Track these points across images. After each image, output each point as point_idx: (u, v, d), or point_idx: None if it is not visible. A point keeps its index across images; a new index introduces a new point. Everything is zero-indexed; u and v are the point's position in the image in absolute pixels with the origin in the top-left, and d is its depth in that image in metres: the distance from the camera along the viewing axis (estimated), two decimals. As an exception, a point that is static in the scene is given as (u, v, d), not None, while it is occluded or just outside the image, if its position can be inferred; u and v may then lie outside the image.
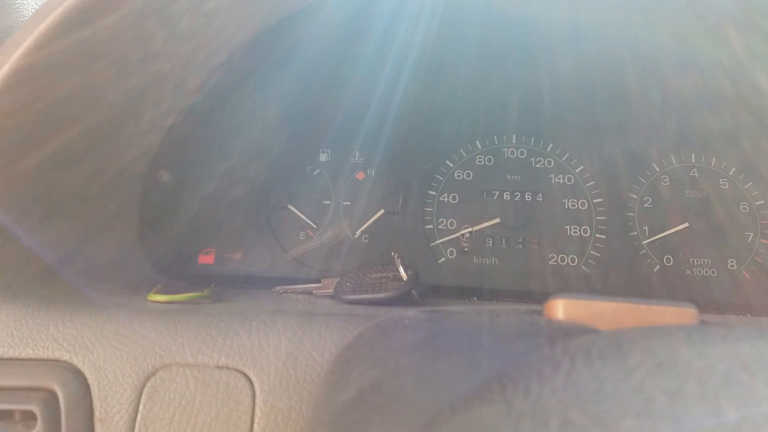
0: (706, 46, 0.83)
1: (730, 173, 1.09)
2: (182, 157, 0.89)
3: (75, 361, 0.61)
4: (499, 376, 0.33)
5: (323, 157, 1.15)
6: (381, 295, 0.81)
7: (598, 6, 0.77)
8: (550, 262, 1.06)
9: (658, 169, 1.10)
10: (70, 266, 0.74)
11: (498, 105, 1.13)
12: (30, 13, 0.97)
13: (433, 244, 1.09)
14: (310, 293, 0.92)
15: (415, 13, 0.78)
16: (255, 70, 0.82)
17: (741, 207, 1.07)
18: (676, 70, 0.92)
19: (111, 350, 0.61)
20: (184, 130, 0.81)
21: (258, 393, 0.57)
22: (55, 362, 0.61)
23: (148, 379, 0.59)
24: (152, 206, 0.87)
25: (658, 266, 1.04)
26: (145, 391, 0.58)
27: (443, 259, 1.08)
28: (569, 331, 0.41)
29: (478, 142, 1.15)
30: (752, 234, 1.05)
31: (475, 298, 1.01)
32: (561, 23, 0.82)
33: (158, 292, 0.77)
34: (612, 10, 0.78)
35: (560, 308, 0.47)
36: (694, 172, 1.10)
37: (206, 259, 1.06)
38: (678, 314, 0.47)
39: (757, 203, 1.06)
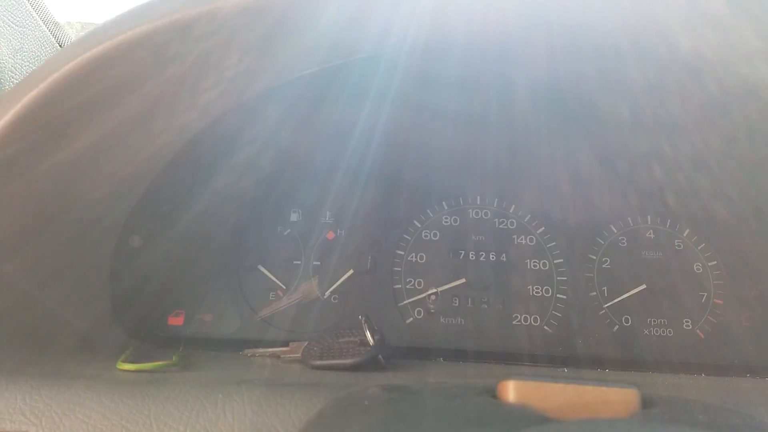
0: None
1: (685, 234, 1.14)
2: (153, 220, 0.90)
3: None
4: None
5: (294, 217, 1.17)
6: (348, 361, 0.83)
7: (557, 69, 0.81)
8: (514, 322, 1.09)
9: (615, 231, 1.15)
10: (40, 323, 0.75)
11: (463, 167, 1.17)
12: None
13: (401, 304, 1.11)
14: (278, 357, 0.93)
15: (385, 79, 0.81)
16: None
17: (695, 267, 1.11)
18: (633, 130, 0.96)
19: (78, 424, 0.62)
20: (156, 194, 0.83)
21: None
22: None
23: None
24: (123, 270, 0.89)
25: (617, 326, 1.08)
26: None
27: (411, 319, 1.11)
28: (517, 419, 0.44)
29: (444, 203, 1.19)
30: (706, 294, 1.09)
31: (442, 359, 1.03)
32: (517, 86, 0.86)
33: (127, 359, 0.78)
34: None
35: (511, 390, 0.50)
36: (650, 234, 1.14)
37: (176, 320, 1.06)
38: (621, 395, 0.50)
39: (710, 264, 1.11)
